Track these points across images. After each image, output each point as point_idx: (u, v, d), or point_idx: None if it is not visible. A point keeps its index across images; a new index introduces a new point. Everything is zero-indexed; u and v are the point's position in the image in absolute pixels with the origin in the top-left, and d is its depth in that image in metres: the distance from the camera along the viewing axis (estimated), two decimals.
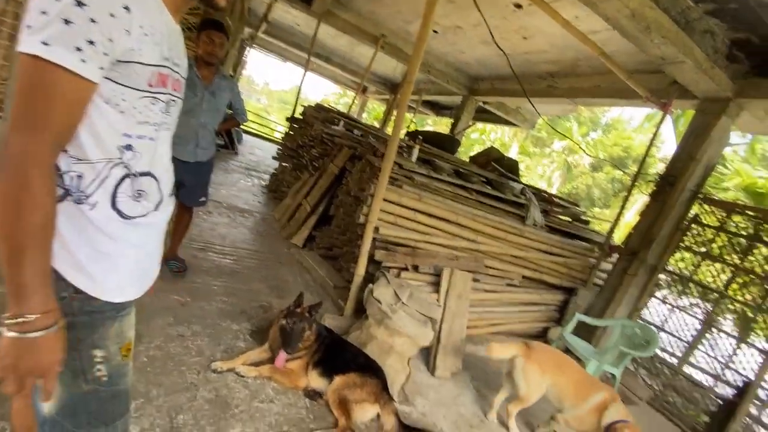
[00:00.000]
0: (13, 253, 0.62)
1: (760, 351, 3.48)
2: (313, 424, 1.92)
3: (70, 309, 0.75)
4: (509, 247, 3.77)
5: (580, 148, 15.64)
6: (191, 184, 2.60)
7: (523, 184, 4.63)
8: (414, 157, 3.62)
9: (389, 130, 8.51)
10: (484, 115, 9.40)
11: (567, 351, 3.77)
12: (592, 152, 18.35)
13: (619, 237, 7.33)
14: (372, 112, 26.10)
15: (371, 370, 2.15)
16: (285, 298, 3.03)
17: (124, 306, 0.84)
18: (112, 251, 0.78)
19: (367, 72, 7.39)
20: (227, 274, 3.10)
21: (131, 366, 0.90)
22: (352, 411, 1.95)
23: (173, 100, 0.84)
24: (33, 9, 0.60)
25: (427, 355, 2.88)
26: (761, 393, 3.37)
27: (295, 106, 7.22)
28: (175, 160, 2.47)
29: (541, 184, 18.57)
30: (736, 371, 3.68)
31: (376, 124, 12.34)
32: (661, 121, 4.15)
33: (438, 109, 12.55)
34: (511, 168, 4.92)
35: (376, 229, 2.96)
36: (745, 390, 3.24)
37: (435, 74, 7.64)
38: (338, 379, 2.05)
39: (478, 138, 20.19)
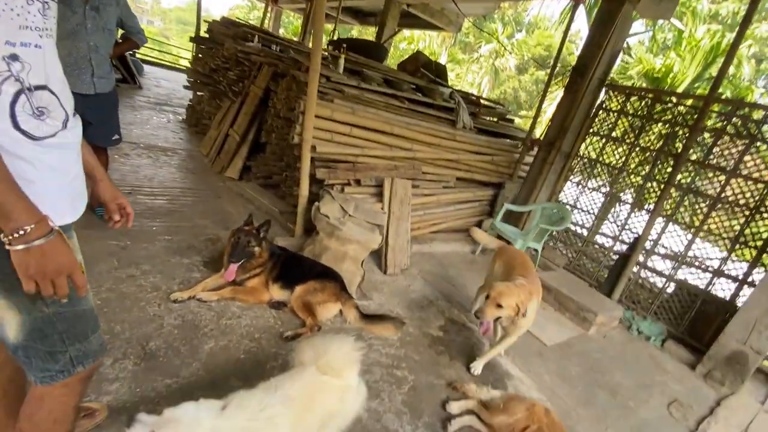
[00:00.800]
0: None
1: (648, 212, 4.23)
2: (283, 327, 2.11)
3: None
4: (443, 152, 3.97)
5: (504, 48, 15.76)
6: (98, 121, 2.33)
7: (452, 88, 4.71)
8: (341, 68, 3.49)
9: (310, 42, 7.85)
10: (409, 20, 8.98)
11: (499, 237, 4.30)
12: (517, 53, 18.62)
13: (540, 132, 7.94)
14: (289, 27, 23.58)
15: (328, 275, 2.34)
16: (231, 228, 3.03)
17: (63, 230, 0.81)
18: (27, 172, 0.74)
19: None
20: (164, 215, 2.98)
21: (89, 288, 0.91)
22: (316, 311, 2.15)
23: (47, 2, 0.75)
24: None
25: (378, 258, 3.15)
26: (647, 245, 4.18)
27: (198, 23, 6.32)
28: (73, 95, 2.19)
29: (472, 92, 18.84)
30: (630, 231, 4.48)
31: (295, 40, 11.27)
32: (572, 13, 4.30)
33: (361, 16, 11.67)
34: (439, 73, 4.93)
35: (313, 148, 2.95)
36: (635, 244, 4.00)
37: None
38: (299, 288, 2.21)
39: (406, 48, 19.43)
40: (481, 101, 5.35)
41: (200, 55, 5.60)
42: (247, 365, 1.80)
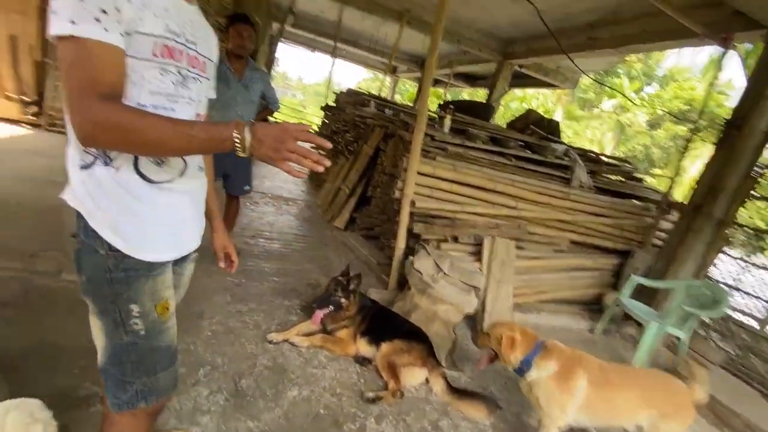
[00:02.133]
0: (178, 144, 0.73)
1: None
2: (365, 386, 2.03)
3: (106, 265, 0.83)
4: (554, 212, 3.63)
5: (631, 102, 14.40)
6: (235, 173, 2.77)
7: (567, 145, 4.39)
8: (446, 128, 3.57)
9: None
10: (522, 80, 8.94)
11: (625, 316, 3.60)
12: (648, 108, 16.82)
13: (681, 195, 6.75)
14: (405, 94, 25.74)
15: (417, 336, 2.21)
16: (331, 275, 3.17)
17: (156, 266, 0.89)
18: (140, 212, 0.84)
19: (394, 50, 7.28)
20: (277, 258, 3.29)
21: (172, 325, 0.96)
22: (400, 374, 2.03)
23: (193, 77, 0.88)
24: None
25: (474, 324, 2.89)
26: None
27: (327, 94, 7.33)
28: (218, 154, 2.65)
29: (592, 149, 17.40)
30: None
31: (410, 104, 12.19)
32: (721, 58, 3.72)
33: (473, 80, 12.11)
34: (551, 130, 4.68)
35: (413, 203, 2.98)
36: None
37: (466, 43, 7.37)
38: (385, 346, 2.13)
39: (518, 108, 19.28)
40: (603, 158, 4.84)
41: (326, 121, 6.41)
42: (325, 423, 1.74)
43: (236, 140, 0.73)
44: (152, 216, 0.87)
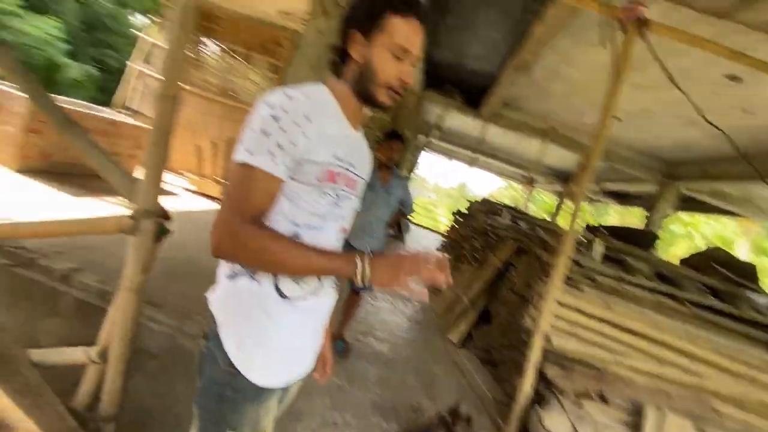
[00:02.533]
0: (303, 270, 0.79)
1: None
2: None
3: (222, 380, 0.84)
4: (758, 390, 2.58)
5: None
6: None
7: None
8: (597, 254, 3.08)
9: (561, 221, 7.78)
10: (692, 205, 7.64)
11: None
12: None
13: None
14: (541, 205, 24.87)
15: None
16: (436, 400, 2.77)
17: (267, 392, 0.87)
18: (267, 331, 0.84)
19: (535, 165, 7.19)
20: (383, 363, 3.08)
21: None
22: None
23: (347, 197, 0.92)
24: (245, 128, 0.79)
25: None
26: None
27: (461, 198, 7.49)
28: (351, 249, 2.77)
29: None
30: None
31: (546, 217, 11.53)
32: None
33: (623, 198, 10.96)
34: (745, 274, 3.62)
35: (547, 338, 2.50)
36: None
37: (618, 161, 6.84)
38: None
39: (682, 231, 16.38)
40: None
41: (456, 226, 6.43)
42: None
43: (358, 272, 0.76)
44: (277, 338, 0.87)
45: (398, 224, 9.05)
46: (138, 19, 14.99)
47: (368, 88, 0.87)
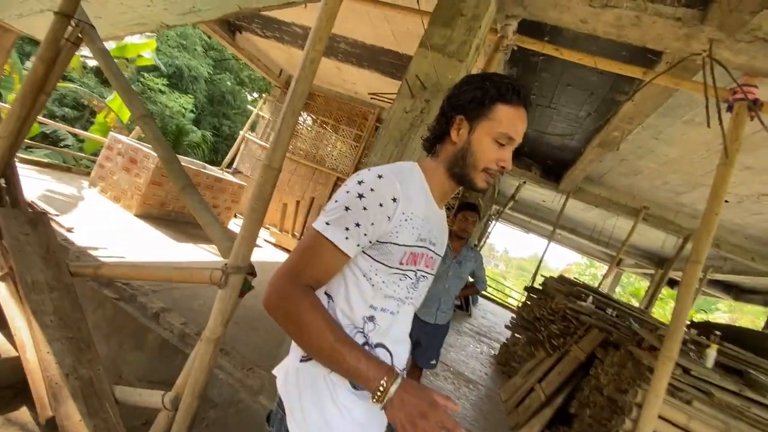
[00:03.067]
0: (328, 358, 0.74)
1: None
2: None
3: None
4: None
5: None
6: (426, 345, 2.68)
7: None
8: (710, 362, 2.57)
9: (657, 313, 6.75)
10: None
11: None
12: None
13: None
14: (627, 287, 22.22)
15: None
16: None
17: None
18: (336, 420, 0.79)
19: (623, 245, 6.55)
20: None
21: None
22: None
23: (424, 276, 0.90)
24: (332, 198, 0.81)
25: None
26: None
27: (536, 274, 6.99)
28: (417, 320, 2.67)
29: None
30: None
31: (634, 302, 10.17)
32: None
33: (737, 291, 9.33)
34: None
35: None
36: None
37: (728, 249, 5.96)
38: None
39: None
40: None
41: (529, 303, 5.93)
42: None
43: (380, 387, 0.71)
44: (342, 427, 0.81)
45: (466, 297, 8.65)
46: (253, 96, 17.83)
47: (466, 171, 0.87)
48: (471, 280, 3.03)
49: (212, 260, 4.70)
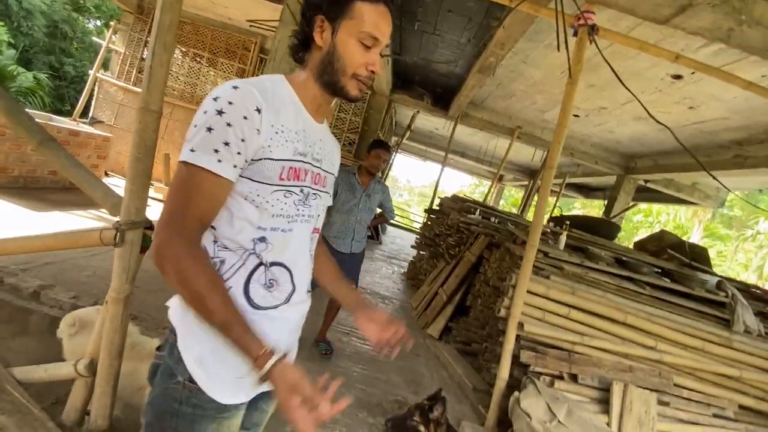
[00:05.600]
0: (214, 325, 0.72)
1: None
2: None
3: (179, 395, 0.77)
4: (711, 362, 2.85)
5: None
6: (345, 274, 2.88)
7: (719, 276, 3.63)
8: (562, 245, 3.29)
9: (529, 216, 8.12)
10: (647, 194, 8.18)
11: None
12: None
13: None
14: (509, 199, 25.56)
15: None
16: (420, 393, 2.87)
17: (228, 408, 0.80)
18: (222, 350, 0.77)
19: (503, 162, 7.47)
20: (367, 361, 3.15)
21: None
22: None
23: (314, 193, 0.86)
24: (191, 124, 0.73)
25: None
26: None
27: (433, 198, 7.66)
28: (335, 252, 2.84)
29: (749, 278, 14.23)
30: None
31: (515, 211, 11.96)
32: None
33: (587, 191, 11.53)
34: (696, 257, 3.95)
35: (521, 326, 2.66)
36: None
37: (579, 156, 7.21)
38: None
39: (643, 220, 17.38)
40: None
41: (429, 223, 6.58)
42: None
43: (256, 365, 0.71)
44: None
45: (376, 227, 9.11)
46: (95, 24, 14.34)
47: (334, 77, 0.81)
48: (379, 210, 3.25)
49: (94, 226, 4.12)
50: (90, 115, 6.98)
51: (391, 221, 3.69)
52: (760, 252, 15.08)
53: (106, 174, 6.37)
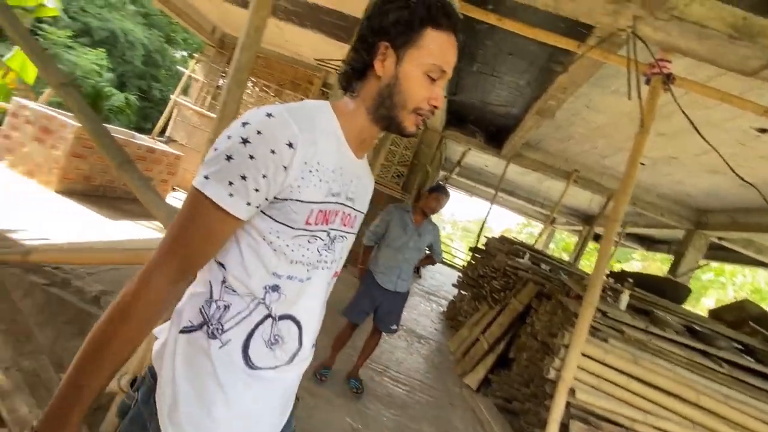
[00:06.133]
0: (83, 364, 0.61)
1: None
2: None
3: None
4: None
5: None
6: (387, 311, 2.83)
7: None
8: (623, 305, 2.99)
9: (582, 265, 7.60)
10: (721, 253, 7.39)
11: None
12: None
13: None
14: (560, 243, 24.32)
15: None
16: None
17: None
18: (214, 411, 0.67)
19: (556, 206, 7.15)
20: (399, 406, 2.99)
21: None
22: None
23: (341, 236, 0.78)
24: (213, 145, 0.64)
25: None
26: None
27: (479, 236, 7.45)
28: (379, 288, 2.79)
29: None
30: None
31: (565, 256, 11.27)
32: None
33: (649, 243, 10.66)
34: None
35: (572, 392, 2.40)
36: None
37: (642, 206, 6.74)
38: None
39: (714, 280, 15.67)
40: None
41: (473, 262, 6.35)
42: None
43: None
44: (225, 418, 0.68)
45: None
46: (182, 54, 16.17)
47: (393, 112, 0.73)
48: (428, 251, 3.19)
49: (158, 237, 4.43)
50: (166, 134, 7.69)
51: (439, 263, 3.56)
52: None
53: (173, 189, 6.90)
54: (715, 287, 15.38)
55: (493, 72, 4.45)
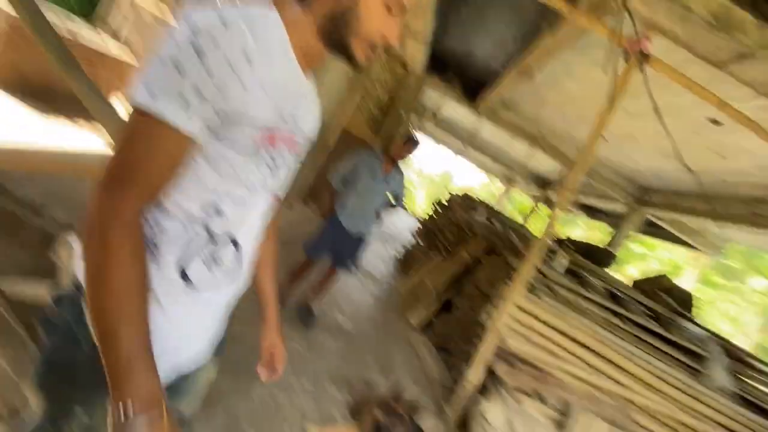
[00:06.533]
0: (104, 328, 0.54)
1: None
2: None
3: (83, 363, 0.64)
4: (673, 408, 2.90)
5: None
6: (347, 252, 2.91)
7: (706, 329, 3.64)
8: (560, 267, 3.28)
9: (532, 227, 8.11)
10: (652, 230, 8.12)
11: None
12: None
13: None
14: (517, 204, 25.43)
15: None
16: (388, 377, 2.95)
17: None
18: (155, 329, 0.60)
19: (521, 168, 7.37)
20: (344, 338, 3.21)
21: None
22: None
23: (285, 161, 0.75)
24: (153, 55, 0.55)
25: None
26: None
27: (443, 190, 7.60)
28: (342, 229, 2.83)
29: (727, 329, 14.36)
30: None
31: (519, 217, 11.90)
32: None
33: (592, 212, 11.42)
34: (682, 302, 3.96)
35: (501, 337, 2.69)
36: None
37: (596, 179, 7.11)
38: None
39: (642, 253, 17.33)
40: (754, 361, 3.86)
41: (434, 216, 6.56)
42: None
43: (119, 406, 0.52)
44: (159, 333, 0.63)
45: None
46: None
47: (344, 35, 0.67)
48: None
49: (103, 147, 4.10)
50: (116, 30, 6.79)
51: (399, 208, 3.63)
52: (744, 307, 15.14)
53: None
54: (640, 259, 17.11)
55: (481, 18, 4.27)
